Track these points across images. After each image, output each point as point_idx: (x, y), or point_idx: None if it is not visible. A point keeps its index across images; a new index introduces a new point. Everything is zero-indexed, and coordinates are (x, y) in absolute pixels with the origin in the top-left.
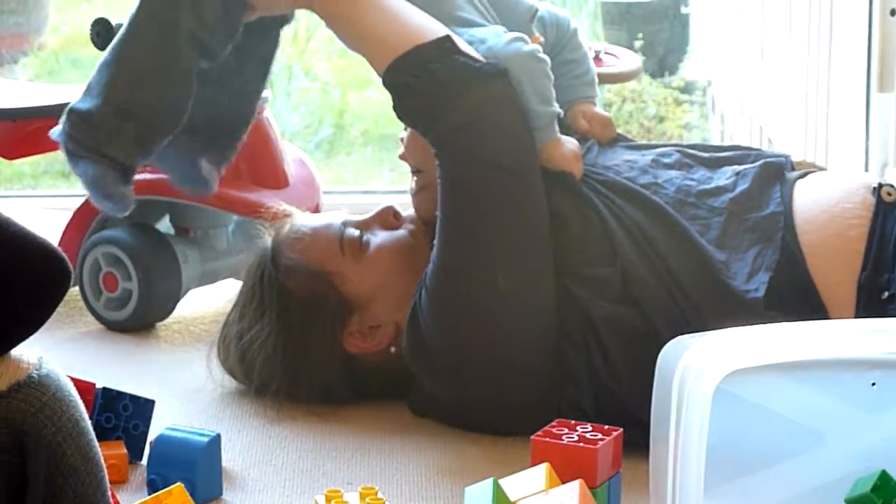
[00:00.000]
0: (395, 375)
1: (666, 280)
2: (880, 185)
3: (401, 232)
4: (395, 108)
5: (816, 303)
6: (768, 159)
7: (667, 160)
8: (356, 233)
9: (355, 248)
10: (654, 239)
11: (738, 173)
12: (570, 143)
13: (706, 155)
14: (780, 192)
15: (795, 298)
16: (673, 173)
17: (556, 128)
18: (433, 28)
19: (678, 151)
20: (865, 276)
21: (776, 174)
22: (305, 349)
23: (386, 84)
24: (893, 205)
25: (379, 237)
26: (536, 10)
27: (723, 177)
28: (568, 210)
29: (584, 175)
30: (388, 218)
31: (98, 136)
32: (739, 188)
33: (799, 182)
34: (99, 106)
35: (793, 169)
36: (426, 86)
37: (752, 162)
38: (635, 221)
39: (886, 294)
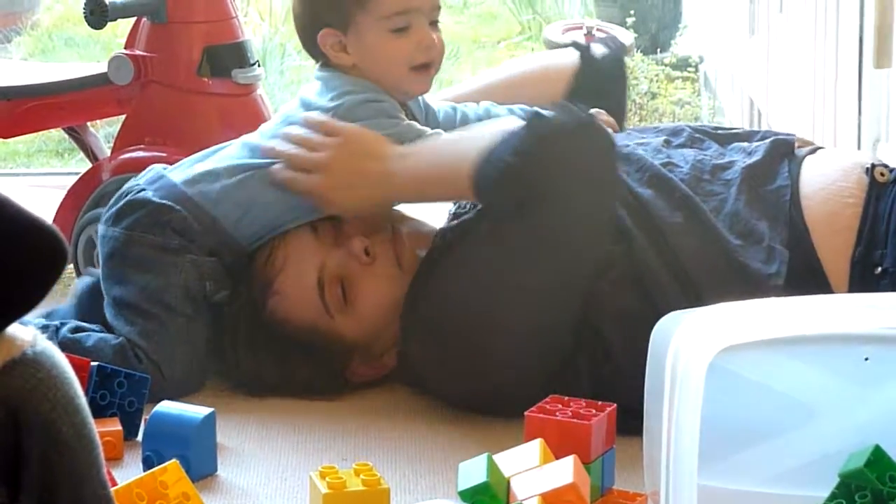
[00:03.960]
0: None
1: (669, 259)
2: (873, 166)
3: (380, 271)
4: (489, 194)
5: (821, 278)
6: (778, 136)
7: (679, 140)
8: (338, 291)
9: (340, 306)
10: (661, 217)
11: (748, 149)
12: None
13: (716, 132)
14: (788, 168)
15: (802, 274)
16: (686, 151)
17: None
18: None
19: (689, 128)
20: (859, 252)
21: (786, 150)
22: (309, 385)
23: (482, 184)
24: (886, 185)
25: (362, 286)
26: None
27: (734, 151)
28: None
29: None
30: (361, 258)
31: None
32: (751, 160)
33: (807, 159)
34: None
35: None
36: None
37: (761, 139)
38: (642, 197)
39: (879, 269)
